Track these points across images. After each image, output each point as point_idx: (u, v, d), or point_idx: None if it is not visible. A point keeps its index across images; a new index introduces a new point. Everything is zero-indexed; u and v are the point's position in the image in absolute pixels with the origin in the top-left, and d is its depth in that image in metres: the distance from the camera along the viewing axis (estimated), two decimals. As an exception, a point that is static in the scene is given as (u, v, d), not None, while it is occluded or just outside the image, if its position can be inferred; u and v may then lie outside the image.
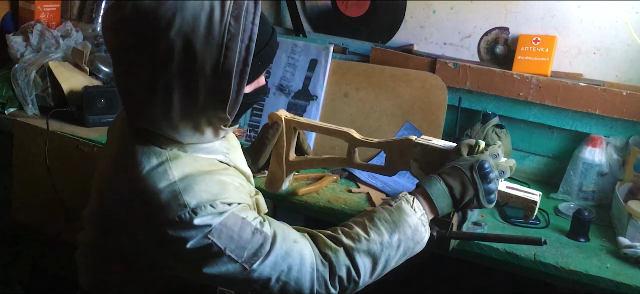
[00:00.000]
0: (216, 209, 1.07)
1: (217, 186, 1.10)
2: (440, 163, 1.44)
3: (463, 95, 2.10)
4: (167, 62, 1.01)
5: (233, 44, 1.04)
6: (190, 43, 1.01)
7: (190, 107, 1.07)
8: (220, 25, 1.02)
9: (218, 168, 1.17)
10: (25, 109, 2.19)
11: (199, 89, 1.05)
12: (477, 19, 2.13)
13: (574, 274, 1.46)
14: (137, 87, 1.07)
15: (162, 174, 1.07)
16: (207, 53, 1.02)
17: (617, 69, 1.99)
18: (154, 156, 1.10)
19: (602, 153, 1.91)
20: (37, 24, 2.35)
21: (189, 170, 1.10)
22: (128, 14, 1.01)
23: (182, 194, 1.05)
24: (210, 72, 1.04)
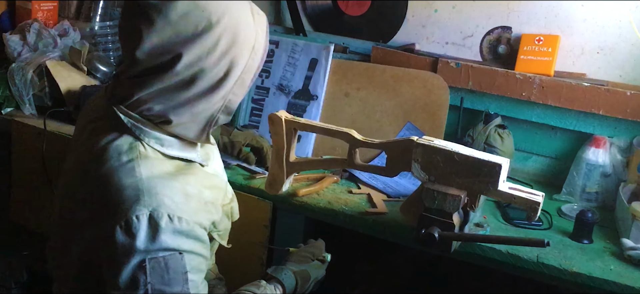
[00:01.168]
0: (172, 224, 1.07)
1: (181, 197, 1.11)
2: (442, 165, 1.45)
3: (465, 95, 2.10)
4: (212, 51, 1.10)
5: (258, 50, 1.18)
6: (234, 40, 1.12)
7: (208, 95, 1.13)
8: (252, 31, 1.16)
9: (188, 171, 1.18)
10: (23, 109, 2.19)
11: (226, 83, 1.14)
12: (480, 18, 2.13)
13: (577, 277, 1.46)
14: (165, 59, 1.09)
15: (129, 170, 1.09)
16: (243, 53, 1.14)
17: (621, 69, 1.99)
18: (124, 153, 1.12)
19: (606, 154, 1.91)
20: (34, 22, 2.35)
21: (156, 171, 1.12)
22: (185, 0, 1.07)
23: (144, 194, 1.07)
24: (239, 70, 1.15)
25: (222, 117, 1.18)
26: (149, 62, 1.09)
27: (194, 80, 1.11)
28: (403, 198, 1.77)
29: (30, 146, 2.10)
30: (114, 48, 2.54)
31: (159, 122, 1.14)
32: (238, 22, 1.13)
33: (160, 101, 1.12)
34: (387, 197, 1.81)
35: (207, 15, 1.08)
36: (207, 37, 1.09)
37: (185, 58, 1.08)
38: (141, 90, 1.12)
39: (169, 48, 1.08)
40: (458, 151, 1.45)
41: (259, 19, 1.19)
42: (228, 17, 1.11)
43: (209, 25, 1.09)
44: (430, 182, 1.48)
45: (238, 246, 1.79)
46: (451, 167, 1.45)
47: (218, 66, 1.12)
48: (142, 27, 1.08)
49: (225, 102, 1.17)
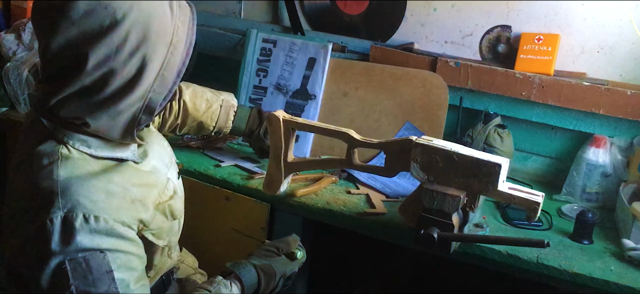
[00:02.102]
0: (89, 224, 1.06)
1: (101, 195, 1.09)
2: (442, 165, 1.45)
3: (464, 94, 2.10)
4: (120, 48, 1.06)
5: (179, 45, 1.14)
6: (145, 35, 1.08)
7: (123, 95, 1.09)
8: (170, 25, 1.12)
9: (115, 170, 1.16)
10: (18, 109, 2.18)
11: (141, 81, 1.10)
12: (479, 17, 2.13)
13: (578, 277, 1.46)
14: (73, 61, 1.06)
15: (47, 173, 1.08)
16: (158, 50, 1.10)
17: (621, 68, 1.99)
18: (46, 155, 1.10)
19: (606, 154, 1.91)
20: (29, 21, 2.34)
21: (78, 172, 1.10)
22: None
23: (59, 196, 1.05)
24: (156, 68, 1.11)
25: (144, 117, 1.14)
26: (58, 63, 1.07)
27: (105, 81, 1.07)
28: (402, 199, 1.77)
29: (26, 146, 2.10)
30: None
31: (80, 124, 1.12)
32: (149, 15, 1.08)
33: (75, 104, 1.09)
34: (386, 197, 1.81)
35: (111, 12, 1.04)
36: (114, 34, 1.05)
37: (92, 59, 1.05)
38: (56, 94, 1.09)
39: (75, 49, 1.05)
40: (457, 151, 1.45)
41: (179, 11, 1.15)
42: (136, 11, 1.06)
43: (114, 22, 1.05)
44: (429, 182, 1.48)
45: (235, 248, 1.79)
46: (450, 167, 1.45)
47: (129, 64, 1.08)
48: (47, 29, 1.06)
49: (145, 101, 1.12)
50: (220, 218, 1.84)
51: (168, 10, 1.12)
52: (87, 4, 1.04)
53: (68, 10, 1.04)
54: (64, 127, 1.12)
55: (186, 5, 1.18)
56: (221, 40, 2.45)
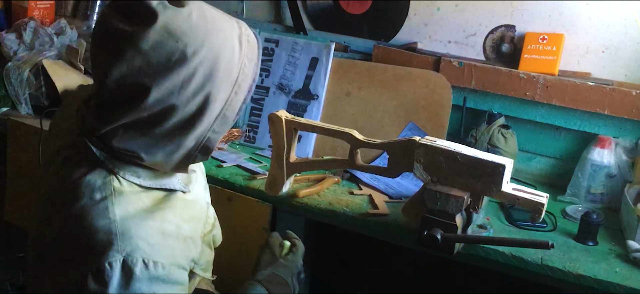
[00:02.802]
0: (148, 269, 1.02)
1: (158, 237, 1.06)
2: (445, 165, 1.45)
3: (468, 94, 2.10)
4: (185, 85, 1.02)
5: (244, 83, 1.09)
6: (212, 74, 1.03)
7: (181, 133, 1.05)
8: (237, 63, 1.07)
9: (166, 204, 1.12)
10: (19, 108, 2.19)
11: (202, 120, 1.05)
12: (483, 17, 2.13)
13: (582, 279, 1.46)
14: (133, 92, 1.02)
15: (102, 211, 1.03)
16: (222, 89, 1.06)
17: (626, 68, 1.99)
18: (97, 190, 1.05)
19: (611, 155, 1.91)
20: (30, 21, 2.35)
21: (133, 209, 1.06)
22: (158, 29, 0.99)
23: (117, 238, 1.01)
24: (218, 107, 1.06)
25: (199, 156, 1.10)
26: (117, 92, 1.01)
27: (165, 117, 1.02)
28: (405, 200, 1.77)
29: (26, 146, 2.10)
30: (111, 47, 2.54)
31: (133, 157, 1.07)
32: (219, 53, 1.04)
33: (131, 136, 1.05)
34: (389, 198, 1.81)
35: (182, 47, 1.00)
36: (181, 70, 1.00)
37: (154, 93, 1.00)
38: (110, 122, 1.04)
39: (137, 80, 1.00)
40: (461, 152, 1.45)
41: (248, 47, 1.10)
42: (207, 48, 1.02)
43: (182, 57, 1.00)
44: (432, 183, 1.48)
45: (237, 250, 1.79)
46: (454, 168, 1.45)
47: (191, 102, 1.03)
48: (110, 55, 1.00)
49: (203, 140, 1.08)
50: (222, 218, 1.84)
51: (237, 47, 1.08)
52: (159, 34, 0.99)
53: (137, 39, 0.99)
54: (115, 158, 1.08)
55: (254, 41, 1.13)
56: (223, 40, 2.45)
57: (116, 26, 1.00)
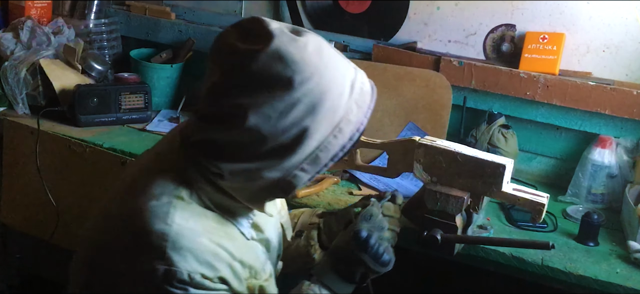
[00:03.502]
0: (193, 281, 1.02)
1: (209, 256, 1.04)
2: (445, 165, 1.45)
3: (468, 94, 2.10)
4: (283, 114, 0.99)
5: (346, 128, 1.05)
6: (314, 109, 1.00)
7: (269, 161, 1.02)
8: (343, 107, 1.04)
9: (225, 232, 1.10)
10: (15, 108, 2.19)
11: (293, 155, 1.02)
12: (483, 16, 2.13)
13: (583, 280, 1.46)
14: (231, 110, 1.00)
15: (163, 215, 1.03)
16: (321, 128, 1.02)
17: (627, 68, 1.99)
18: (165, 194, 1.05)
19: (612, 155, 1.91)
20: (27, 20, 2.34)
21: (193, 223, 1.05)
22: (270, 52, 0.98)
23: (168, 246, 1.01)
24: (313, 145, 1.03)
25: (279, 192, 1.06)
26: (217, 107, 1.01)
27: (256, 142, 1.00)
28: (404, 200, 1.76)
29: (23, 146, 2.10)
30: (109, 46, 2.54)
31: (214, 174, 1.06)
32: (326, 90, 1.00)
33: (220, 154, 1.03)
34: (389, 199, 1.81)
35: (290, 73, 0.97)
36: (283, 97, 0.98)
37: (251, 117, 0.98)
38: (203, 133, 1.04)
39: (238, 100, 0.98)
40: (461, 152, 1.45)
41: (360, 94, 1.06)
42: (315, 82, 0.99)
43: (288, 85, 0.97)
44: (432, 183, 1.48)
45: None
46: (454, 168, 1.45)
47: (287, 133, 1.00)
48: (221, 67, 1.01)
49: (288, 176, 1.03)
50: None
51: (347, 90, 1.04)
52: (269, 57, 0.97)
53: (248, 58, 0.98)
54: (195, 168, 1.07)
55: (369, 90, 1.10)
56: (221, 39, 2.44)
57: (230, 41, 1.01)
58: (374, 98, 1.11)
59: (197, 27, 2.51)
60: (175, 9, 2.59)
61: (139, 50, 2.52)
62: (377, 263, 1.22)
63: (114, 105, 2.20)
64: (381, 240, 1.25)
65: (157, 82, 2.38)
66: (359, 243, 1.22)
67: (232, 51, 1.00)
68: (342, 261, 1.24)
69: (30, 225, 2.19)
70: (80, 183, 2.04)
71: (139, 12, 2.62)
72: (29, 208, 2.16)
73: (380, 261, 1.22)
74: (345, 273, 1.23)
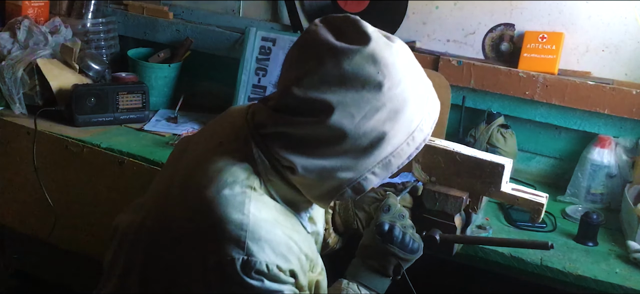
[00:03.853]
0: (270, 272, 1.03)
1: (283, 248, 1.06)
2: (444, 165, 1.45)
3: (467, 93, 2.10)
4: (367, 116, 1.01)
5: (418, 137, 1.07)
6: (396, 115, 1.03)
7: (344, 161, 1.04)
8: (419, 117, 1.07)
9: (293, 226, 1.12)
10: (12, 108, 2.18)
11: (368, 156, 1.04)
12: (482, 15, 2.13)
13: (582, 280, 1.46)
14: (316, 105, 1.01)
15: (239, 204, 1.03)
16: (398, 134, 1.05)
17: (626, 67, 1.99)
18: (238, 183, 1.05)
19: (611, 154, 1.91)
20: (24, 19, 2.34)
21: (266, 214, 1.05)
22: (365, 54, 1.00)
23: (247, 236, 1.02)
24: (388, 150, 1.05)
25: (349, 192, 1.07)
26: (301, 101, 1.02)
27: (335, 139, 1.02)
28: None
29: (20, 146, 2.10)
30: (106, 45, 2.54)
31: (285, 166, 1.06)
32: (410, 97, 1.04)
33: (294, 147, 1.04)
34: (387, 199, 1.81)
35: (381, 78, 1.00)
36: (369, 98, 1.00)
37: (337, 114, 1.00)
38: (281, 126, 1.05)
39: (326, 96, 1.00)
40: (460, 152, 1.45)
41: (432, 105, 1.10)
42: (402, 89, 1.02)
43: (376, 88, 1.00)
44: (431, 183, 1.48)
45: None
46: (453, 168, 1.45)
47: (366, 135, 1.02)
48: (310, 64, 1.01)
49: (360, 177, 1.05)
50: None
51: (425, 99, 1.08)
52: (364, 59, 1.00)
53: (343, 56, 1.00)
54: (268, 162, 1.07)
55: (438, 102, 1.13)
56: (220, 39, 2.45)
57: (325, 38, 1.02)
58: (438, 112, 1.14)
59: (195, 27, 2.51)
60: (173, 9, 2.59)
61: (137, 50, 2.52)
62: (406, 252, 1.26)
63: (111, 105, 2.19)
64: (405, 229, 1.28)
65: (155, 82, 2.38)
66: (383, 236, 1.26)
67: (326, 46, 1.01)
68: (372, 257, 1.27)
69: (28, 225, 2.19)
70: (77, 183, 2.04)
71: (136, 11, 2.62)
72: (26, 209, 2.16)
73: (408, 249, 1.26)
74: (377, 268, 1.26)
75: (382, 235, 1.26)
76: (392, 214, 1.31)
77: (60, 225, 2.06)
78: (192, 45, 2.46)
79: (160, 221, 1.13)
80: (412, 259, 1.27)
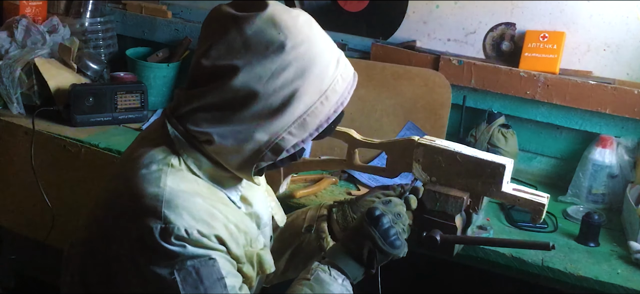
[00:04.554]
0: (190, 237, 1.03)
1: (204, 214, 1.07)
2: (444, 165, 1.45)
3: (468, 93, 2.10)
4: (274, 75, 1.06)
5: (332, 97, 1.11)
6: (303, 73, 1.07)
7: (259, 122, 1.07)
8: (330, 76, 1.11)
9: (217, 198, 1.13)
10: (10, 108, 2.18)
11: (282, 115, 1.07)
12: (483, 14, 2.13)
13: (583, 281, 1.46)
14: (224, 71, 1.06)
15: (155, 180, 1.06)
16: (309, 92, 1.08)
17: (628, 66, 1.99)
18: (156, 161, 1.09)
19: (613, 154, 1.92)
20: (22, 19, 2.34)
21: (185, 186, 1.08)
22: (264, 18, 1.06)
23: (162, 206, 1.03)
24: (301, 109, 1.08)
25: (269, 154, 1.09)
26: (209, 71, 1.06)
27: (246, 101, 1.05)
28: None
29: (18, 146, 2.10)
30: (104, 45, 2.54)
31: (203, 141, 1.09)
32: (315, 57, 1.08)
33: (209, 118, 1.08)
34: (387, 199, 1.81)
35: (283, 38, 1.05)
36: (275, 59, 1.05)
37: (243, 74, 1.04)
38: (192, 101, 1.09)
39: (232, 61, 1.05)
40: (460, 152, 1.45)
41: (345, 68, 1.14)
42: (305, 48, 1.07)
43: (280, 48, 1.05)
44: (431, 183, 1.47)
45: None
46: (453, 168, 1.45)
47: (276, 94, 1.06)
48: (215, 35, 1.07)
49: (276, 138, 1.08)
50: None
51: (334, 62, 1.12)
52: (264, 22, 1.05)
53: (243, 23, 1.05)
54: (185, 139, 1.11)
55: (351, 70, 1.17)
56: (219, 38, 2.44)
57: (227, 11, 1.08)
58: (355, 80, 1.17)
59: (194, 26, 2.51)
60: (171, 8, 2.59)
61: (135, 49, 2.52)
62: (386, 243, 1.23)
63: (109, 104, 2.19)
64: (395, 224, 1.27)
65: (154, 81, 2.38)
66: (371, 218, 1.25)
67: (229, 17, 1.07)
68: (352, 240, 1.25)
69: (25, 226, 2.19)
70: (75, 183, 2.04)
71: (135, 10, 2.62)
72: (24, 209, 2.16)
73: (389, 241, 1.23)
74: (353, 250, 1.24)
75: (370, 217, 1.25)
76: (389, 208, 1.31)
77: (58, 225, 2.06)
78: (191, 45, 2.46)
79: (90, 223, 1.16)
80: (390, 254, 1.24)
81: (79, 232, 1.20)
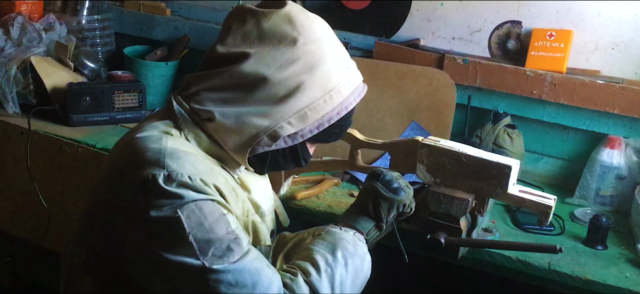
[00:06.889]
0: (193, 183, 1.08)
1: (204, 167, 1.13)
2: (449, 166, 1.45)
3: (473, 93, 2.10)
4: (283, 66, 1.13)
5: (336, 97, 1.17)
6: (311, 68, 1.14)
7: (261, 107, 1.13)
8: (337, 79, 1.18)
9: (216, 167, 1.18)
10: (5, 107, 2.19)
11: (284, 104, 1.13)
12: (488, 12, 2.13)
13: (591, 285, 1.46)
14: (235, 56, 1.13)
15: (156, 139, 1.12)
16: (314, 87, 1.15)
17: (637, 65, 1.99)
18: (159, 129, 1.15)
19: (621, 155, 1.91)
20: (18, 16, 2.35)
21: (184, 149, 1.13)
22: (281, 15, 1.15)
23: (165, 157, 1.09)
24: (304, 102, 1.14)
25: (265, 139, 1.14)
26: (222, 56, 1.14)
27: (253, 85, 1.12)
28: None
29: (13, 146, 2.10)
30: (102, 43, 2.54)
31: (204, 118, 1.15)
32: (324, 57, 1.15)
33: (214, 98, 1.14)
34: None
35: (296, 34, 1.13)
36: (285, 51, 1.13)
37: (253, 60, 1.12)
38: (202, 82, 1.16)
39: (244, 49, 1.13)
40: (465, 153, 1.45)
41: (353, 75, 1.21)
42: (317, 46, 1.15)
43: (292, 42, 1.13)
44: (436, 185, 1.48)
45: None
46: (458, 169, 1.45)
47: (282, 83, 1.13)
48: (234, 26, 1.16)
49: (275, 125, 1.14)
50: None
51: (342, 68, 1.19)
52: (280, 19, 1.14)
53: (261, 17, 1.15)
54: (187, 114, 1.16)
55: (360, 77, 1.24)
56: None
57: (248, 7, 1.17)
58: (364, 89, 1.24)
59: (192, 24, 2.51)
60: (170, 5, 2.59)
61: (133, 48, 2.53)
62: (389, 190, 1.33)
63: (107, 104, 2.20)
64: (398, 179, 1.37)
65: (152, 80, 2.38)
66: (373, 175, 1.36)
67: (248, 11, 1.16)
68: (358, 198, 1.39)
69: (21, 228, 2.19)
70: (72, 184, 2.04)
71: (133, 8, 2.63)
72: (19, 211, 2.16)
73: (391, 188, 1.34)
74: (359, 205, 1.36)
75: (373, 175, 1.37)
76: (393, 174, 1.39)
77: (54, 227, 2.07)
78: (189, 43, 2.46)
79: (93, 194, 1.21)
80: (394, 200, 1.33)
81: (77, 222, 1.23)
